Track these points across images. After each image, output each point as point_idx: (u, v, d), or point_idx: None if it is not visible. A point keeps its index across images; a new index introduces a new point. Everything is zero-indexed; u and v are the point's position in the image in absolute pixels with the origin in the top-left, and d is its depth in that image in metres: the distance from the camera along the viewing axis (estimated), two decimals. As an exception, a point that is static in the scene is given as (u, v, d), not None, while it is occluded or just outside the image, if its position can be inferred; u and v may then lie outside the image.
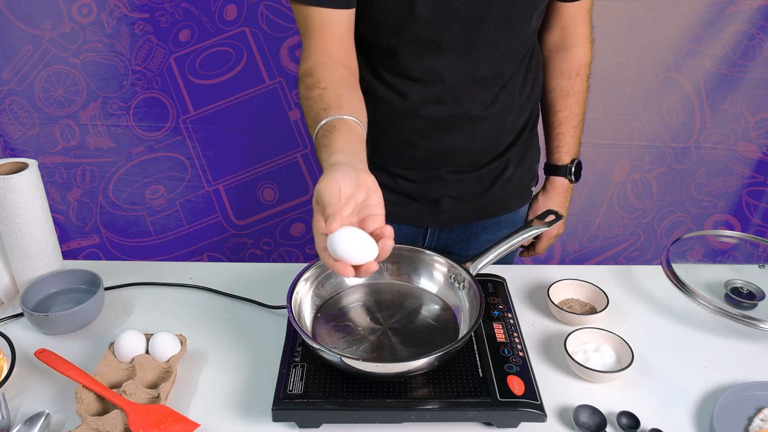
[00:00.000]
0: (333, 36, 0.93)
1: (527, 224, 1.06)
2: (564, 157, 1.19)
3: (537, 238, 1.26)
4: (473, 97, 1.02)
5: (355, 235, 0.66)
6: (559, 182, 1.21)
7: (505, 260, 1.06)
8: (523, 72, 1.07)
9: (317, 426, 0.81)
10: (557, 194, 1.22)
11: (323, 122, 0.80)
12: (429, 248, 1.01)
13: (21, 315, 1.00)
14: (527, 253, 1.30)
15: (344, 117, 0.81)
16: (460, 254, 1.22)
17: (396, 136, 1.07)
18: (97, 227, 1.88)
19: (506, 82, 1.04)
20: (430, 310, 0.96)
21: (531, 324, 1.02)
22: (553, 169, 1.21)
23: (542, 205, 1.23)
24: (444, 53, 0.97)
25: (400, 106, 1.03)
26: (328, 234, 0.66)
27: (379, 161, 1.10)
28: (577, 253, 1.98)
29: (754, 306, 1.06)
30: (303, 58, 0.94)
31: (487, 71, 1.00)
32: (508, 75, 1.04)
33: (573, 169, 1.19)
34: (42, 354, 0.88)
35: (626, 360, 0.89)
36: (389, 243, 0.68)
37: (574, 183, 1.22)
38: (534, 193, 1.25)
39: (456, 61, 0.98)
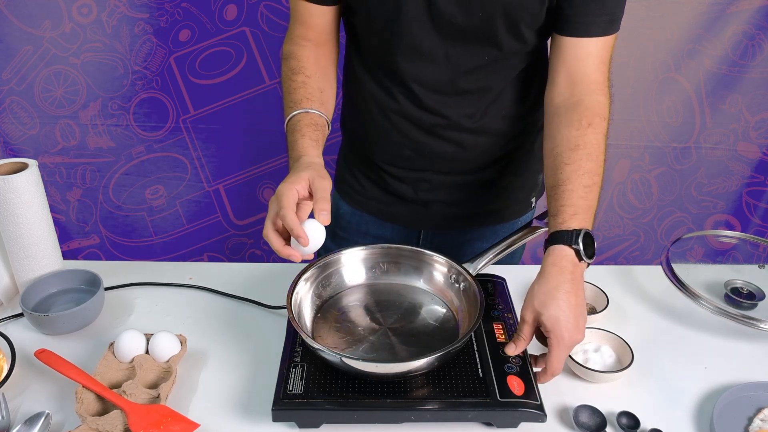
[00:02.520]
0: (315, 27, 1.00)
1: (527, 225, 1.05)
2: (569, 221, 0.85)
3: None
4: (458, 107, 1.01)
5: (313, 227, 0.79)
6: (559, 253, 0.83)
7: (508, 260, 1.06)
8: (521, 87, 1.03)
9: (317, 426, 0.81)
10: (556, 274, 0.82)
11: (302, 111, 0.92)
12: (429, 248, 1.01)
13: (21, 315, 1.00)
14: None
15: (321, 114, 0.94)
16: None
17: (385, 133, 1.07)
18: (97, 227, 1.88)
19: (497, 96, 1.02)
20: (430, 310, 0.96)
21: (531, 324, 1.02)
22: (553, 238, 0.85)
23: (536, 292, 0.83)
24: (423, 60, 0.96)
25: (388, 104, 1.03)
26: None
27: (369, 155, 1.10)
28: (577, 253, 1.98)
29: (754, 306, 1.06)
30: (287, 39, 1.02)
31: (469, 84, 0.99)
32: (499, 90, 1.01)
33: (581, 236, 0.83)
34: (42, 354, 0.88)
35: (626, 360, 0.89)
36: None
37: (586, 261, 0.84)
38: (533, 201, 1.21)
39: (434, 70, 0.97)
